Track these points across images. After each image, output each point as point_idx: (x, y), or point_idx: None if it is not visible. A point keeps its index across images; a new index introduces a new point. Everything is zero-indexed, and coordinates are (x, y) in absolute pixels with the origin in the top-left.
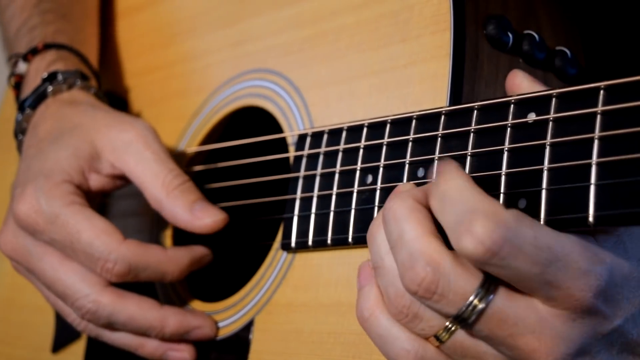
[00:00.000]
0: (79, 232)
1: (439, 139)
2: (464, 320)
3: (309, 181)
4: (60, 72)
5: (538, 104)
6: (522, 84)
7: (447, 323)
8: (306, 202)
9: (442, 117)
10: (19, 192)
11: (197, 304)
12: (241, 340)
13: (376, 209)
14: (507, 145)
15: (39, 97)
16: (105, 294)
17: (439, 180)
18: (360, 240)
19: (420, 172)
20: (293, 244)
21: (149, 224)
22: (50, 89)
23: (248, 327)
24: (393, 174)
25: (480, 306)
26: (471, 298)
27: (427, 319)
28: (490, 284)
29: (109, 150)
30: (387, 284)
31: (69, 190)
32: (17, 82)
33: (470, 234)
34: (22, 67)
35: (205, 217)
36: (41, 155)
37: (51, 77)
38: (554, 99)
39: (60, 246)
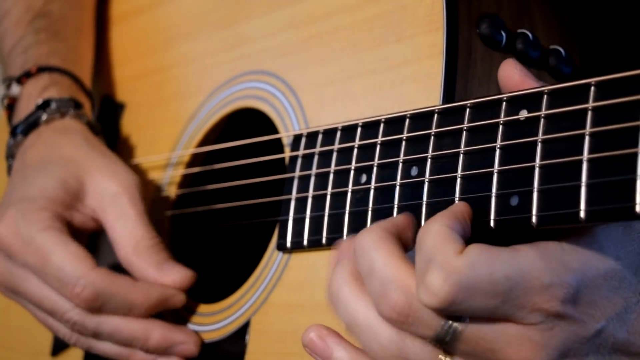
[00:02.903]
0: (50, 255)
1: (432, 137)
2: (443, 340)
3: (304, 181)
4: (54, 100)
5: (530, 101)
6: (514, 76)
7: (441, 357)
8: (301, 203)
9: (435, 115)
10: (0, 214)
11: (194, 306)
12: (238, 341)
13: (370, 209)
14: (499, 142)
15: (32, 124)
16: None
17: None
18: None
19: (414, 171)
20: (288, 244)
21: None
22: (44, 117)
23: (244, 328)
24: (387, 173)
25: (458, 326)
26: (448, 319)
27: None
28: None
29: (93, 196)
30: (367, 341)
31: (48, 216)
32: (10, 104)
33: (424, 285)
34: (15, 89)
35: (173, 274)
36: (26, 180)
37: (45, 105)
38: (545, 96)
39: (33, 269)
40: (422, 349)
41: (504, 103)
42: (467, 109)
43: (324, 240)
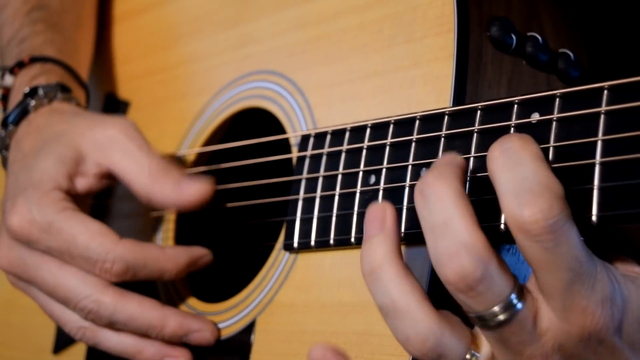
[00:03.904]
0: (74, 236)
1: (442, 139)
2: (488, 322)
3: (311, 182)
4: (41, 87)
5: (542, 104)
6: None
7: (467, 356)
8: (309, 203)
9: (446, 117)
10: (9, 205)
11: (199, 305)
12: (243, 340)
13: None
14: None
15: (21, 112)
16: (107, 293)
17: (516, 138)
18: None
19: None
20: (295, 245)
21: (150, 225)
22: (32, 104)
23: (250, 328)
24: (396, 175)
25: (509, 312)
26: (502, 303)
27: (451, 358)
28: (521, 290)
29: (93, 150)
30: (403, 327)
31: (59, 197)
32: (4, 95)
33: (536, 205)
34: (8, 80)
35: (193, 187)
36: (27, 168)
37: (32, 92)
38: (557, 99)
39: (57, 253)
40: (457, 348)
41: (516, 106)
42: (478, 111)
43: (331, 241)
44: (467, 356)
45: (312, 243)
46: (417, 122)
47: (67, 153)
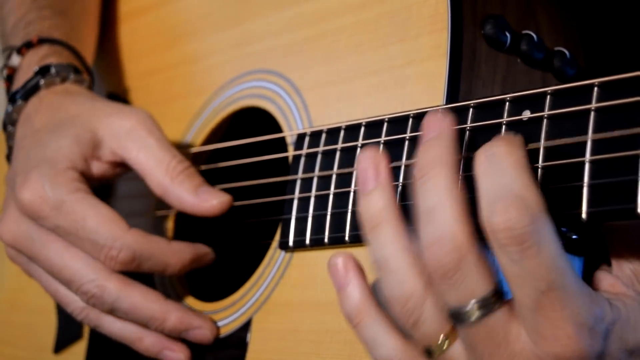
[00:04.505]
0: (85, 219)
1: None
2: (460, 318)
3: (307, 180)
4: (53, 65)
5: (533, 101)
6: None
7: (441, 337)
8: (304, 202)
9: None
10: (21, 179)
11: (196, 304)
12: (239, 339)
13: None
14: None
15: (31, 89)
16: (112, 279)
17: (503, 144)
18: (357, 239)
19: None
20: (291, 243)
21: (151, 206)
22: (42, 81)
23: (246, 327)
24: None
25: (480, 312)
26: (475, 300)
27: (426, 328)
28: (499, 296)
29: (109, 138)
30: (390, 284)
31: (74, 177)
32: (9, 75)
33: (505, 214)
34: (15, 59)
35: (212, 199)
36: (40, 144)
37: (44, 70)
38: (548, 96)
39: (65, 233)
40: (434, 319)
41: (507, 103)
42: (471, 109)
43: (326, 240)
44: (440, 340)
45: (307, 241)
46: (411, 120)
47: (84, 135)
